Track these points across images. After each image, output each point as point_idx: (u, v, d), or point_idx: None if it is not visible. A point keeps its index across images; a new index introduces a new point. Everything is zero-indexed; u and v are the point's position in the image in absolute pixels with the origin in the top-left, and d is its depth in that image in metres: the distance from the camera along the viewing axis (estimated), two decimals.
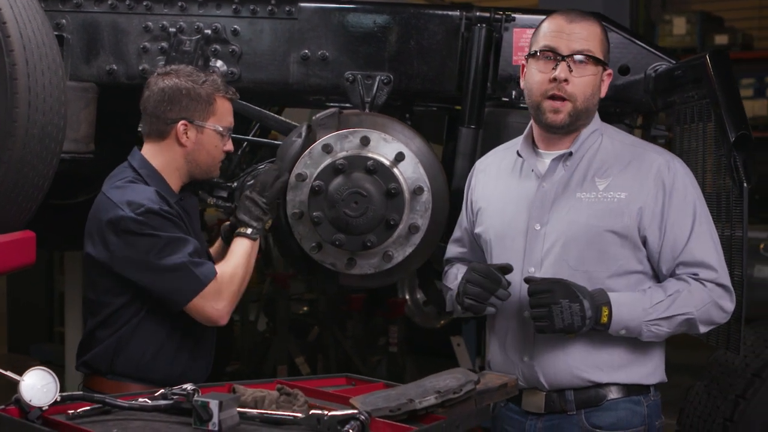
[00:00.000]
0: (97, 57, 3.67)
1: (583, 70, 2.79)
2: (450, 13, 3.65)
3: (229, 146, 3.17)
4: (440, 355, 7.42)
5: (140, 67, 3.63)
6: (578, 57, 2.78)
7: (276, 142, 3.64)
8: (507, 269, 2.81)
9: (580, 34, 2.80)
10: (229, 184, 3.57)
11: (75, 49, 3.66)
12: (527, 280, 2.76)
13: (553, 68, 2.79)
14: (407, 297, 7.91)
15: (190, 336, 3.15)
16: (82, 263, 3.26)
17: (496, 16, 3.57)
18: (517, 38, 3.64)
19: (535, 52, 2.83)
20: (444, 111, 4.12)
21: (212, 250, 3.40)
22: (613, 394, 2.82)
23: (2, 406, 2.29)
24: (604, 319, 2.70)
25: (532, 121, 2.95)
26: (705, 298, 2.75)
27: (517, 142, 3.02)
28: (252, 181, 3.48)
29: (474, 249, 3.10)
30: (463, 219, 3.14)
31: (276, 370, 6.78)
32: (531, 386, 2.85)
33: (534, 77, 2.84)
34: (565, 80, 2.77)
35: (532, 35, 2.91)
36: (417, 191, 3.23)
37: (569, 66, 2.78)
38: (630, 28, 4.58)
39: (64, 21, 3.65)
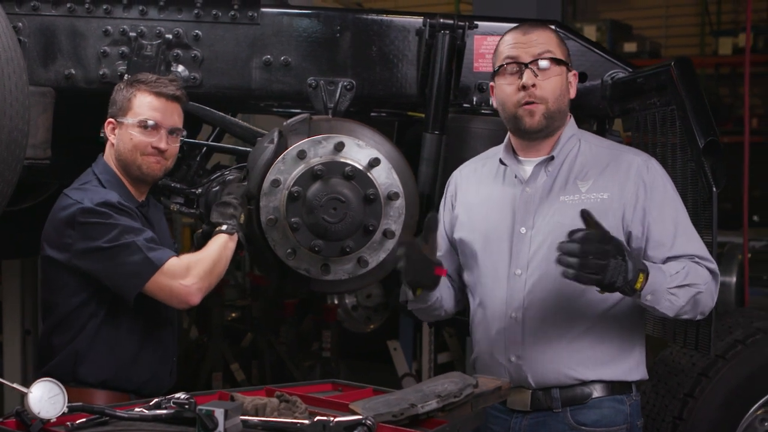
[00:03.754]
0: (55, 61, 3.61)
1: (547, 73, 2.87)
2: (413, 20, 3.67)
3: (160, 144, 3.14)
4: (375, 360, 7.45)
5: (100, 72, 3.58)
6: (542, 62, 2.86)
7: (240, 148, 3.62)
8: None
9: (538, 40, 2.88)
10: (193, 190, 3.55)
11: (32, 53, 3.59)
12: (584, 216, 2.67)
13: (519, 78, 2.86)
14: (336, 302, 7.91)
15: (150, 341, 3.15)
16: (40, 266, 3.20)
17: (459, 23, 3.60)
18: (478, 45, 3.68)
19: (499, 67, 2.92)
20: (393, 117, 4.13)
21: None
22: (598, 392, 2.88)
23: (0, 419, 2.24)
24: (638, 285, 2.68)
25: (508, 137, 3.02)
26: (707, 278, 2.81)
27: (496, 152, 3.08)
28: (217, 187, 3.47)
29: (450, 252, 3.12)
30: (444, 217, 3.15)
31: (212, 377, 6.72)
32: (517, 385, 2.89)
33: (504, 90, 2.91)
34: (533, 85, 2.85)
35: (493, 56, 3.00)
36: (392, 196, 3.24)
37: (533, 71, 2.85)
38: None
39: (20, 24, 3.58)
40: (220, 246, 3.09)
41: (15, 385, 2.19)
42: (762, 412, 4.29)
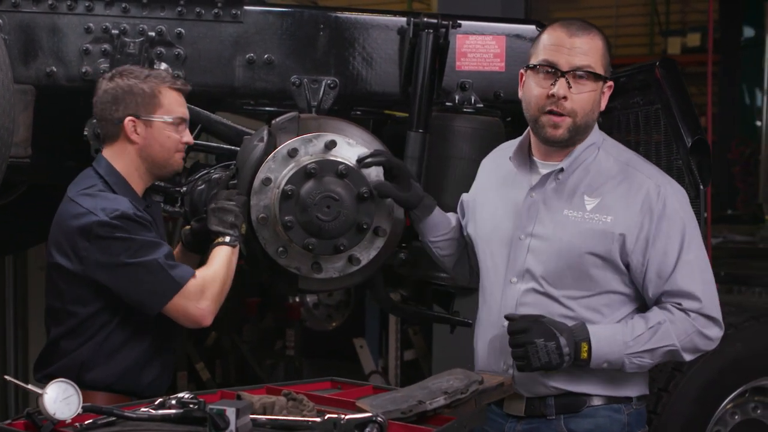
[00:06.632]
0: (36, 58, 3.56)
1: (582, 86, 2.72)
2: (396, 19, 3.69)
3: (188, 138, 3.15)
4: (339, 358, 7.46)
5: (82, 69, 3.54)
6: (578, 73, 2.72)
7: (226, 146, 3.61)
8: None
9: (581, 48, 2.72)
10: (177, 188, 3.53)
11: (12, 50, 3.52)
12: (507, 318, 2.75)
13: (551, 84, 2.72)
14: (297, 300, 7.91)
15: (157, 345, 3.12)
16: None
17: (443, 22, 3.61)
18: (460, 44, 3.70)
19: (535, 65, 2.77)
20: (368, 115, 4.14)
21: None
22: (594, 401, 2.82)
23: (9, 420, 2.22)
24: (584, 355, 2.69)
25: (528, 129, 2.90)
26: (688, 329, 2.74)
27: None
28: (203, 186, 3.45)
29: (458, 234, 3.17)
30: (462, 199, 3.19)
31: (176, 376, 6.66)
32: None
33: (532, 91, 2.77)
34: (564, 97, 2.71)
35: (532, 46, 2.84)
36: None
37: (568, 82, 2.71)
38: None
39: (0, 21, 3.52)
40: (227, 261, 3.05)
41: (30, 386, 2.17)
42: (732, 406, 4.37)
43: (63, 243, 2.98)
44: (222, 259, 3.05)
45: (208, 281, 2.98)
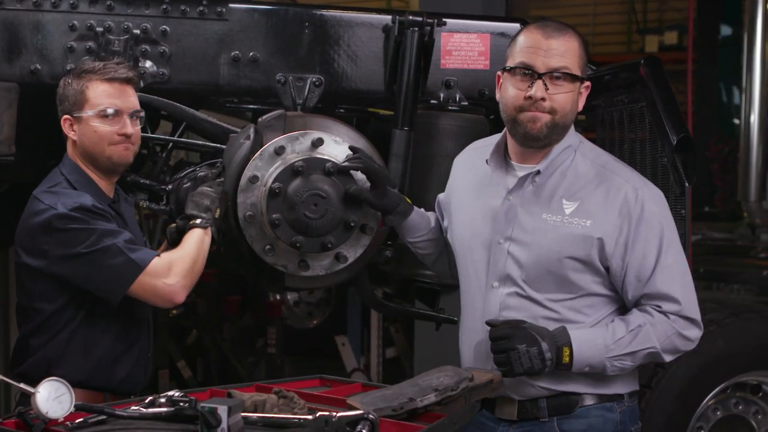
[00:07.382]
0: (20, 56, 3.54)
1: (559, 87, 2.72)
2: (382, 17, 3.69)
3: (126, 129, 3.10)
4: (320, 355, 7.47)
5: (66, 67, 3.51)
6: (555, 74, 2.71)
7: (211, 144, 3.60)
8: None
9: (558, 50, 2.72)
10: (163, 187, 3.52)
11: None
12: (489, 324, 2.76)
13: (528, 86, 2.72)
14: (278, 297, 7.91)
15: (126, 341, 3.12)
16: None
17: (428, 20, 3.62)
18: (445, 42, 3.71)
19: (512, 68, 2.77)
20: (351, 113, 4.14)
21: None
22: (586, 401, 2.82)
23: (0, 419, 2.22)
24: (566, 359, 2.70)
25: (505, 131, 2.90)
26: (668, 330, 2.75)
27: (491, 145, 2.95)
28: (188, 184, 3.45)
29: (437, 234, 3.17)
30: (439, 200, 3.21)
31: (158, 374, 6.65)
32: (503, 395, 2.84)
33: (509, 92, 2.77)
34: (542, 98, 2.71)
35: (508, 47, 2.83)
36: None
37: (545, 84, 2.71)
38: None
39: None
40: (197, 241, 3.07)
41: (21, 385, 2.16)
42: (714, 402, 4.40)
43: (27, 241, 3.01)
44: (193, 240, 3.06)
45: (176, 259, 2.99)
